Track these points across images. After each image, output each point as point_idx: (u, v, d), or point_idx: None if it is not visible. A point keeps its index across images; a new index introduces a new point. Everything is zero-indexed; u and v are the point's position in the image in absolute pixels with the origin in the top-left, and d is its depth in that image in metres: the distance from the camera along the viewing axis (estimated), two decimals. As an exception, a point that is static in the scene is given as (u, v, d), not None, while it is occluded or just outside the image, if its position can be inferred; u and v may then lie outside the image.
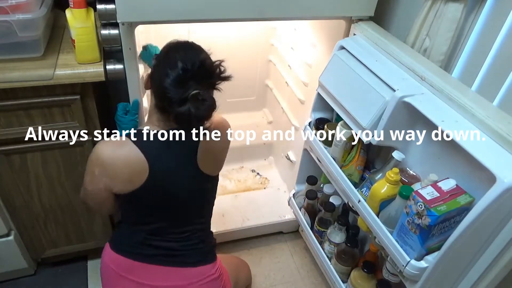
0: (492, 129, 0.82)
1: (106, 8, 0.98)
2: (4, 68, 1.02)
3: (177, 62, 0.90)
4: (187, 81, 0.90)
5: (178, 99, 0.89)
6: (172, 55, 0.93)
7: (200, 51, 0.96)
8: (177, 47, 0.96)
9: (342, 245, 1.34)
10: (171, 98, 0.90)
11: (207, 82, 0.93)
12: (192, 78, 0.90)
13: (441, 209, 0.83)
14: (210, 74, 0.94)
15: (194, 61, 0.90)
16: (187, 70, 0.89)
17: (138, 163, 0.96)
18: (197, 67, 0.90)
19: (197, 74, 0.90)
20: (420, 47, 1.11)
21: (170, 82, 0.89)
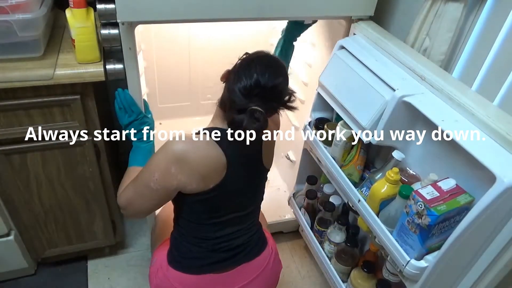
0: (492, 128, 0.82)
1: (106, 8, 0.98)
2: (4, 68, 1.03)
3: (254, 74, 0.91)
4: (254, 95, 0.91)
5: (238, 106, 0.91)
6: (254, 64, 0.94)
7: (280, 74, 0.96)
8: (262, 59, 0.97)
9: (342, 244, 1.34)
10: (234, 101, 0.92)
11: (271, 105, 0.95)
12: (259, 95, 0.92)
13: (441, 208, 0.83)
14: (277, 99, 0.96)
15: (269, 81, 0.92)
16: (258, 86, 0.91)
17: (217, 160, 0.96)
18: (269, 87, 0.92)
19: (265, 93, 0.92)
20: (420, 47, 1.11)
21: (240, 88, 0.92)
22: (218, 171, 0.97)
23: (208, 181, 0.96)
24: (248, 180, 1.05)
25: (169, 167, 0.93)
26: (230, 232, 1.06)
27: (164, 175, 0.94)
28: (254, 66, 0.93)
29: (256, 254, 1.11)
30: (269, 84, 0.92)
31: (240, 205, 1.06)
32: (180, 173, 0.93)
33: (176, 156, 0.93)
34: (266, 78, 0.92)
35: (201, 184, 0.96)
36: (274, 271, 1.18)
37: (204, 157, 0.95)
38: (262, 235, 1.16)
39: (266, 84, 0.91)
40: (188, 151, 0.94)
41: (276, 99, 0.96)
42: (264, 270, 1.13)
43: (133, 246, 1.70)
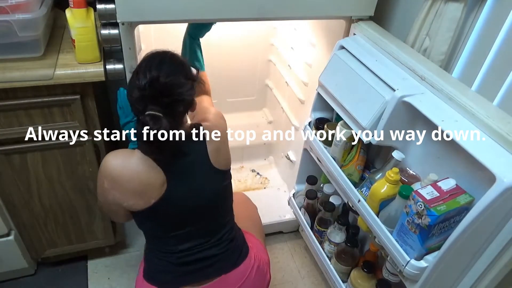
0: (492, 128, 0.82)
1: (106, 8, 0.99)
2: (4, 68, 1.03)
3: (135, 81, 0.88)
4: (140, 100, 0.87)
5: (138, 116, 0.88)
6: (137, 69, 0.90)
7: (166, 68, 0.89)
8: (144, 60, 0.92)
9: (342, 244, 1.34)
10: (134, 111, 0.90)
11: (162, 101, 0.87)
12: (143, 98, 0.87)
13: (441, 208, 0.83)
14: (162, 93, 0.87)
15: (152, 78, 0.86)
16: (143, 88, 0.86)
17: (152, 175, 0.92)
18: (148, 86, 0.86)
19: (147, 94, 0.86)
20: (420, 47, 1.11)
21: (132, 96, 0.88)
22: (156, 187, 0.93)
23: (147, 198, 0.93)
24: (199, 187, 0.99)
25: (102, 181, 0.93)
26: (195, 244, 1.01)
27: (101, 189, 0.95)
28: (138, 70, 0.89)
29: (232, 266, 1.06)
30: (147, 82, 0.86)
31: (198, 215, 1.00)
32: (113, 189, 0.93)
33: (107, 172, 0.92)
34: (145, 77, 0.86)
35: (140, 201, 0.93)
36: (257, 283, 1.11)
37: (136, 173, 0.92)
38: (239, 246, 1.09)
39: (145, 82, 0.86)
40: (118, 168, 0.92)
41: (163, 94, 0.88)
42: (244, 282, 1.06)
43: (133, 246, 1.70)
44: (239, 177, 1.98)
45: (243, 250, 1.10)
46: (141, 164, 0.92)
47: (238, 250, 1.08)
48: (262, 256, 1.15)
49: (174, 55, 0.95)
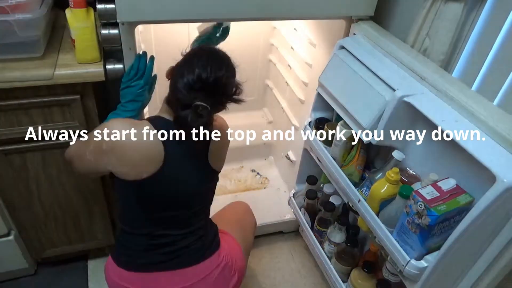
0: (492, 128, 0.82)
1: (106, 8, 0.98)
2: (4, 68, 1.02)
3: (195, 69, 0.90)
4: (197, 90, 0.90)
5: (183, 103, 0.90)
6: (195, 59, 0.93)
7: (223, 66, 0.94)
8: (204, 52, 0.96)
9: (342, 244, 1.34)
10: (179, 99, 0.91)
11: (216, 99, 0.93)
12: (202, 90, 0.91)
13: (441, 208, 0.83)
14: (221, 92, 0.94)
15: (211, 74, 0.90)
16: (200, 81, 0.90)
17: (153, 151, 0.93)
18: (211, 81, 0.90)
19: (208, 88, 0.91)
20: (420, 46, 1.11)
21: (183, 85, 0.91)
22: (153, 162, 0.93)
23: (140, 170, 0.93)
24: (188, 177, 1.01)
25: (101, 143, 0.92)
26: (168, 233, 1.01)
27: (96, 150, 0.93)
28: (196, 61, 0.92)
29: (195, 261, 1.04)
30: (211, 78, 0.90)
31: (178, 204, 1.01)
32: (111, 152, 0.92)
33: (110, 132, 0.91)
34: (208, 71, 0.90)
35: (132, 171, 0.93)
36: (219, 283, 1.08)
37: (138, 144, 0.92)
38: (207, 244, 1.07)
39: (208, 77, 0.90)
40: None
41: (220, 92, 0.94)
42: (204, 279, 1.04)
43: (133, 246, 1.70)
44: (239, 177, 1.98)
45: (211, 246, 1.09)
46: (146, 137, 0.93)
47: (206, 246, 1.07)
48: (235, 259, 1.13)
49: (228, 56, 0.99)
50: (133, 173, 0.93)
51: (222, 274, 1.08)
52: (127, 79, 1.08)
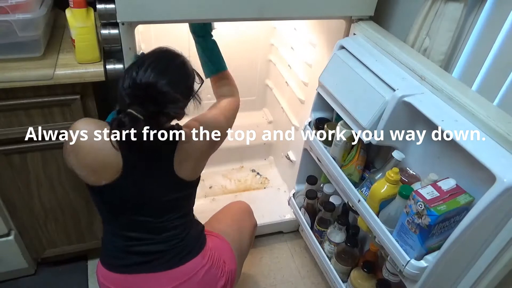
0: (492, 128, 0.82)
1: (106, 8, 0.98)
2: (4, 68, 1.03)
3: (133, 72, 0.84)
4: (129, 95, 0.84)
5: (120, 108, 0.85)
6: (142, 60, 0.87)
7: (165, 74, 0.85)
8: (152, 55, 0.88)
9: (342, 244, 1.34)
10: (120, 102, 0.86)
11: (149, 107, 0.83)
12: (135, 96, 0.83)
13: (441, 208, 0.83)
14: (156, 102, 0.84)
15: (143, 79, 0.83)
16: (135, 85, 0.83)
17: (111, 158, 0.88)
18: (143, 87, 0.83)
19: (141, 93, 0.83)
20: (420, 46, 1.11)
21: (121, 86, 0.85)
22: (110, 170, 0.90)
23: (99, 177, 0.90)
24: (150, 187, 0.95)
25: (66, 143, 0.89)
26: (143, 237, 0.98)
27: (64, 148, 0.90)
28: (138, 63, 0.85)
29: (176, 264, 1.01)
30: (143, 83, 0.83)
31: (149, 212, 0.97)
32: (72, 153, 0.89)
33: (73, 131, 0.88)
34: (144, 76, 0.83)
35: (91, 177, 0.90)
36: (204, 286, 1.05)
37: (97, 150, 0.88)
38: (188, 246, 1.03)
39: (141, 82, 0.83)
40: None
41: (153, 102, 0.83)
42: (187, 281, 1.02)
43: (133, 246, 1.70)
44: (239, 177, 1.98)
45: (194, 248, 1.05)
46: (105, 143, 0.87)
47: (188, 249, 1.03)
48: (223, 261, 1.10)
49: (185, 64, 0.91)
50: (93, 179, 0.91)
51: (207, 276, 1.04)
52: None
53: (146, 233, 0.99)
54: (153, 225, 0.99)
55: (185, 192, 1.02)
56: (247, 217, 1.35)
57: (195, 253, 1.04)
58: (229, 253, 1.14)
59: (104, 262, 1.03)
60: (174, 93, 0.85)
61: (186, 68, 0.91)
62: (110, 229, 1.01)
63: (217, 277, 1.07)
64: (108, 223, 1.02)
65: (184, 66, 0.91)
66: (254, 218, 1.37)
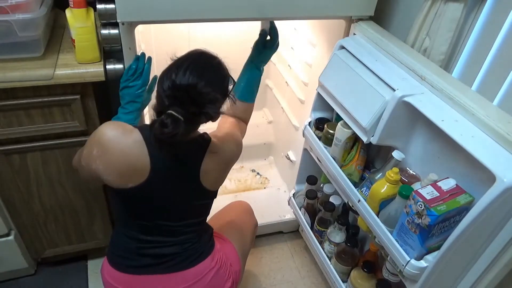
0: (492, 128, 0.82)
1: (106, 8, 0.98)
2: (4, 68, 1.03)
3: (172, 74, 0.85)
4: (170, 97, 0.84)
5: (158, 109, 0.86)
6: (177, 63, 0.88)
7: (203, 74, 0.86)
8: (188, 58, 0.89)
9: (342, 244, 1.34)
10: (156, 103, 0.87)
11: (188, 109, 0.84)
12: (175, 97, 0.84)
13: (441, 208, 0.83)
14: (195, 103, 0.85)
15: (183, 80, 0.84)
16: (174, 86, 0.84)
17: (140, 161, 0.89)
18: (183, 88, 0.84)
19: (179, 95, 0.84)
20: (420, 46, 1.11)
21: (160, 90, 0.86)
22: (139, 174, 0.90)
23: (126, 180, 0.90)
24: (175, 193, 0.96)
25: (93, 148, 0.90)
26: (156, 239, 0.99)
27: (88, 154, 0.91)
28: (176, 66, 0.86)
29: (188, 266, 1.02)
30: (184, 84, 0.83)
31: (168, 216, 0.99)
32: (99, 158, 0.89)
33: (101, 140, 0.88)
34: (183, 77, 0.84)
35: (118, 180, 0.90)
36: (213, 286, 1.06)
37: (126, 154, 0.88)
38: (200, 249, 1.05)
39: (181, 83, 0.84)
40: (112, 140, 0.88)
41: (193, 103, 0.84)
42: (196, 283, 1.03)
43: (133, 246, 1.70)
44: (239, 177, 1.98)
45: (205, 250, 1.06)
46: (135, 147, 0.89)
47: (199, 251, 1.04)
48: (230, 263, 1.12)
49: (221, 64, 0.92)
50: (119, 182, 0.91)
51: (215, 279, 1.06)
52: (125, 79, 1.07)
53: (163, 236, 1.00)
54: (171, 229, 1.00)
55: (205, 201, 1.04)
56: (248, 217, 1.35)
57: (205, 256, 1.05)
58: (234, 254, 1.15)
59: (113, 261, 1.03)
60: (214, 93, 0.86)
61: (222, 69, 0.92)
62: (124, 230, 1.02)
63: (224, 279, 1.08)
64: (124, 225, 1.02)
65: (220, 67, 0.92)
66: (254, 217, 1.38)
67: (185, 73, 0.84)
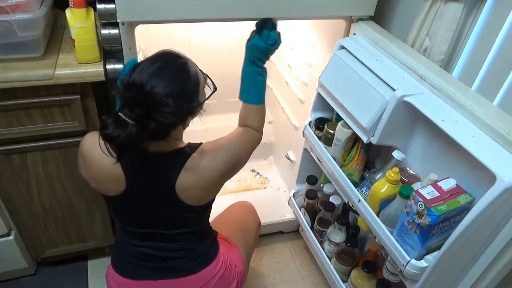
0: (492, 128, 0.82)
1: (106, 8, 0.98)
2: (4, 68, 1.02)
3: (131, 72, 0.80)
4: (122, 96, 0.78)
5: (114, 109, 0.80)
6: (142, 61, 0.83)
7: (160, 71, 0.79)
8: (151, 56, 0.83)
9: (342, 244, 1.34)
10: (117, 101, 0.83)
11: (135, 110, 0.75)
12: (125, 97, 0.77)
13: (441, 208, 0.83)
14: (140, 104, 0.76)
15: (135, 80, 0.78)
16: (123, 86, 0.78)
17: (113, 172, 0.87)
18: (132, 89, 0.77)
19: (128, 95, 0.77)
20: (420, 46, 1.11)
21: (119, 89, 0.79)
22: (115, 183, 0.89)
23: (105, 189, 0.92)
24: (157, 205, 0.92)
25: (79, 157, 0.95)
26: (153, 245, 0.98)
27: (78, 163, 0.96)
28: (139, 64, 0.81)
29: (191, 272, 1.01)
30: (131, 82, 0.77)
31: (157, 224, 0.96)
32: (83, 168, 0.94)
33: (81, 149, 0.92)
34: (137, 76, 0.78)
35: (100, 188, 0.93)
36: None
37: (99, 163, 0.88)
38: (202, 254, 1.03)
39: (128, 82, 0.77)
40: (88, 150, 0.89)
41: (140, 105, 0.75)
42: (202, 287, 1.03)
43: (133, 246, 1.70)
44: (239, 177, 1.98)
45: (208, 255, 1.03)
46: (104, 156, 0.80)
47: (201, 257, 1.02)
48: (234, 264, 1.11)
49: (185, 65, 0.84)
50: (102, 189, 0.94)
51: (220, 282, 1.05)
52: None
53: (157, 242, 0.99)
54: (163, 236, 0.98)
55: (191, 214, 0.95)
56: (252, 217, 1.35)
57: (209, 261, 1.04)
58: (238, 256, 1.15)
59: (116, 266, 1.03)
60: (163, 97, 0.78)
61: (185, 71, 0.84)
62: (123, 234, 1.02)
63: (229, 281, 1.08)
64: (122, 229, 1.03)
65: (183, 68, 0.84)
66: (258, 217, 1.38)
67: (140, 72, 0.79)
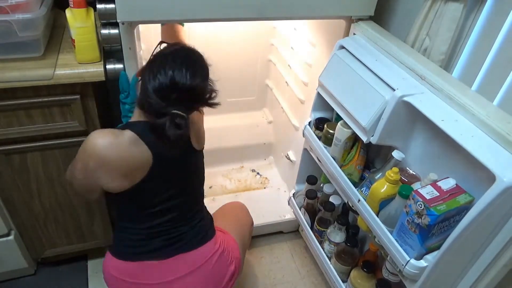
0: (492, 128, 0.82)
1: (106, 8, 0.99)
2: (4, 68, 1.03)
3: (168, 72, 0.85)
4: (170, 96, 0.86)
5: (156, 110, 0.86)
6: (170, 60, 0.88)
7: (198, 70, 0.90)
8: (179, 54, 0.91)
9: (342, 244, 1.34)
10: (151, 104, 0.87)
11: (191, 105, 0.91)
12: (176, 96, 0.86)
13: (441, 208, 0.83)
14: (197, 99, 0.92)
15: (186, 81, 0.86)
16: (175, 88, 0.86)
17: (142, 157, 0.92)
18: (186, 89, 0.86)
19: (183, 95, 0.87)
20: (420, 46, 1.11)
21: (154, 88, 0.86)
22: (144, 163, 0.93)
23: (133, 178, 0.93)
24: (179, 164, 1.01)
25: (87, 161, 0.90)
26: (170, 219, 1.02)
27: (84, 167, 0.91)
28: (170, 61, 0.87)
29: (194, 246, 1.05)
30: (186, 85, 0.86)
31: (176, 194, 1.02)
32: (99, 169, 0.90)
33: (95, 151, 0.89)
34: (183, 77, 0.86)
35: (125, 182, 0.93)
36: (216, 271, 1.09)
37: (126, 156, 0.90)
38: (204, 228, 1.09)
39: (184, 85, 0.86)
40: (107, 148, 0.89)
41: (195, 99, 0.91)
42: (202, 266, 1.05)
43: (133, 246, 1.70)
44: (239, 177, 1.98)
45: (208, 232, 1.10)
46: (131, 146, 0.90)
47: (204, 232, 1.08)
48: (231, 248, 1.14)
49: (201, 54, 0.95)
50: (127, 183, 0.93)
51: (219, 262, 1.08)
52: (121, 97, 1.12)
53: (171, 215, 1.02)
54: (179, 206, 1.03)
55: (200, 161, 1.10)
56: (245, 214, 1.38)
57: (209, 237, 1.08)
58: (233, 242, 1.17)
59: (118, 252, 1.04)
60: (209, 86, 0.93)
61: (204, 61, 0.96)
62: (132, 225, 1.03)
63: (227, 263, 1.11)
64: (131, 220, 1.03)
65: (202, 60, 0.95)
66: (250, 216, 1.39)
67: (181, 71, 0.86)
